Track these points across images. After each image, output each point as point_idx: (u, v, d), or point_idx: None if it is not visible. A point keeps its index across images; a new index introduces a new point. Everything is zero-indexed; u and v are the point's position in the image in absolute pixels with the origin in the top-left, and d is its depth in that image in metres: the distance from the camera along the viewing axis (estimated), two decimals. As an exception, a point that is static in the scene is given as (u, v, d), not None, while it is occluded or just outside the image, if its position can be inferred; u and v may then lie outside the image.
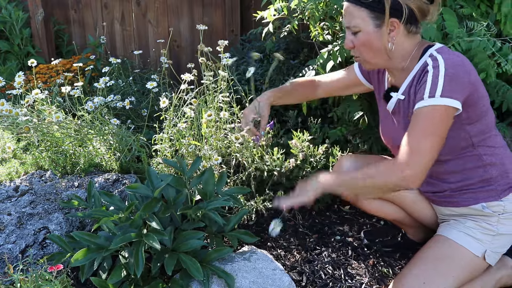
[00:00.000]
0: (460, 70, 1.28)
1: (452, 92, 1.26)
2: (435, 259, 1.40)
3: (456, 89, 1.26)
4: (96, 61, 3.26)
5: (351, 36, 1.39)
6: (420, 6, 1.32)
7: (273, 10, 2.01)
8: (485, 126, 1.39)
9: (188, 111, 1.87)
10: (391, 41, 1.35)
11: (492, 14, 1.86)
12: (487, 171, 1.41)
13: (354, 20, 1.35)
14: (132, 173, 2.02)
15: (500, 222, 1.41)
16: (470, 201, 1.43)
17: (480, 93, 1.34)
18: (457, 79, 1.27)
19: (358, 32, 1.36)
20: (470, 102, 1.31)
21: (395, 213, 1.64)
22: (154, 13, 3.47)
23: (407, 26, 1.35)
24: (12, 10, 3.45)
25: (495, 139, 1.43)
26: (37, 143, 1.97)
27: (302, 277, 1.60)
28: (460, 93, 1.27)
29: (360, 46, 1.38)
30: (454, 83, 1.26)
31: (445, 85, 1.26)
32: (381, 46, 1.36)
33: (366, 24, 1.34)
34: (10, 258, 1.48)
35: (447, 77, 1.26)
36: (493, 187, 1.41)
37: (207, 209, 1.50)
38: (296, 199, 1.40)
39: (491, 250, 1.42)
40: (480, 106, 1.35)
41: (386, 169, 1.29)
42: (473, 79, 1.31)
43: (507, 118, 2.19)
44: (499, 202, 1.40)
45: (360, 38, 1.36)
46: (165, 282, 1.42)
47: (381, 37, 1.34)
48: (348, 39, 1.40)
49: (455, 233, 1.44)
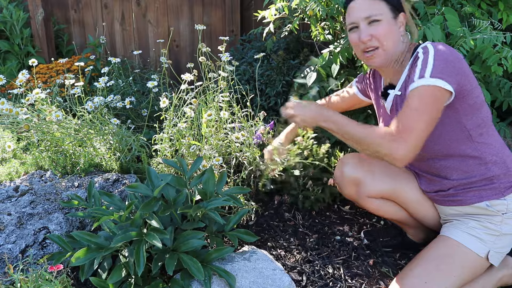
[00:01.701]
0: (450, 56, 1.32)
1: (443, 73, 1.28)
2: (437, 259, 1.40)
3: (447, 71, 1.29)
4: (96, 61, 3.26)
5: (367, 29, 1.42)
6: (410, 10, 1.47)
7: (274, 10, 2.01)
8: (481, 120, 1.40)
9: (188, 111, 1.87)
10: (402, 34, 1.44)
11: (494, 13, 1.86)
12: (489, 168, 1.41)
13: (374, 10, 1.41)
14: (132, 173, 2.01)
15: (504, 221, 1.41)
16: (474, 199, 1.43)
17: (472, 84, 1.36)
18: (447, 62, 1.30)
19: (378, 22, 1.41)
20: (463, 92, 1.33)
21: (396, 213, 1.64)
22: (154, 13, 3.47)
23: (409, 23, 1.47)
24: (13, 10, 3.45)
25: (493, 136, 1.44)
26: (37, 142, 1.97)
27: (302, 277, 1.60)
28: (450, 77, 1.29)
29: (380, 35, 1.42)
30: (444, 65, 1.29)
31: (435, 66, 1.29)
32: (397, 37, 1.43)
33: (386, 15, 1.41)
34: (10, 258, 1.48)
35: (437, 60, 1.30)
36: (496, 185, 1.41)
37: (207, 209, 1.50)
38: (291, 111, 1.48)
39: (494, 251, 1.42)
40: (473, 97, 1.36)
41: (378, 134, 1.31)
42: (464, 68, 1.33)
43: (507, 118, 2.19)
44: (503, 200, 1.41)
45: (381, 27, 1.41)
46: (165, 282, 1.41)
47: (397, 29, 1.43)
48: (365, 32, 1.43)
49: (459, 233, 1.44)
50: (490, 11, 1.89)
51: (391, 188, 1.58)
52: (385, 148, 1.28)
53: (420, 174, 1.56)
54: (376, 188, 1.58)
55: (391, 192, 1.59)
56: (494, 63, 1.70)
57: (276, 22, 2.11)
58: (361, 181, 1.58)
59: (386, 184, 1.58)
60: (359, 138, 1.34)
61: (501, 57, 1.68)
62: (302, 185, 1.94)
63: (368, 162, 1.60)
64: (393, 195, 1.60)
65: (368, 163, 1.59)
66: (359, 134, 1.34)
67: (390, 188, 1.58)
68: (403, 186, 1.58)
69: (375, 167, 1.59)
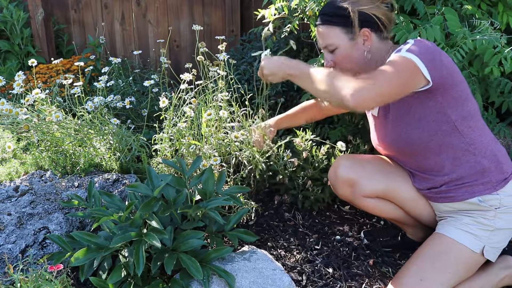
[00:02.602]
0: (431, 47, 1.34)
1: (420, 54, 1.30)
2: (432, 256, 1.41)
3: (425, 55, 1.30)
4: (96, 61, 3.26)
5: (329, 55, 1.50)
6: (385, 13, 1.45)
7: (274, 9, 2.01)
8: (467, 113, 1.40)
9: (188, 110, 1.87)
10: (366, 50, 1.46)
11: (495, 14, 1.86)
12: (478, 161, 1.41)
13: (329, 40, 1.47)
14: (132, 173, 2.02)
15: (497, 216, 1.42)
16: (466, 195, 1.44)
17: (455, 79, 1.36)
18: (427, 48, 1.32)
19: (336, 50, 1.47)
20: (445, 85, 1.34)
21: (393, 211, 1.64)
22: (154, 13, 3.47)
23: (378, 33, 1.46)
24: (13, 10, 3.45)
25: (483, 130, 1.44)
26: (37, 143, 1.97)
27: (302, 277, 1.60)
28: (428, 61, 1.30)
29: (341, 61, 1.48)
30: (424, 50, 1.31)
31: (414, 46, 1.32)
32: (359, 56, 1.46)
33: (341, 40, 1.45)
34: (10, 258, 1.48)
35: (417, 45, 1.32)
36: (487, 179, 1.42)
37: (207, 208, 1.50)
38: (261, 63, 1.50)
39: (489, 246, 1.42)
40: (457, 91, 1.37)
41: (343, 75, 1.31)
42: (445, 61, 1.34)
43: (507, 118, 2.19)
44: (495, 195, 1.41)
45: (339, 53, 1.47)
46: (165, 282, 1.41)
47: (358, 48, 1.46)
48: (327, 59, 1.50)
49: (453, 230, 1.45)
50: (490, 11, 1.89)
51: (385, 187, 1.58)
52: (349, 87, 1.26)
53: (413, 172, 1.57)
54: (370, 188, 1.58)
55: (386, 191, 1.59)
56: (495, 64, 1.70)
57: (276, 22, 2.11)
58: (355, 181, 1.58)
59: (380, 183, 1.58)
60: (322, 78, 1.34)
61: (501, 57, 1.68)
62: (302, 185, 1.94)
63: (362, 162, 1.60)
64: (388, 194, 1.60)
65: (362, 163, 1.60)
66: (323, 74, 1.34)
67: (384, 187, 1.58)
68: (397, 184, 1.58)
69: (369, 166, 1.59)
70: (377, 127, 1.60)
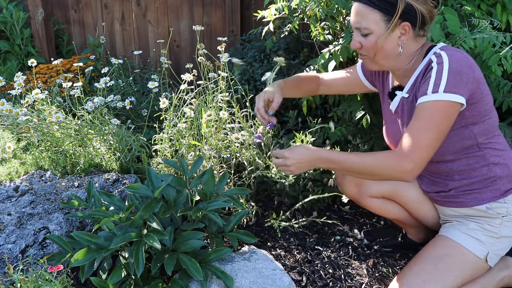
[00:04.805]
0: (464, 66, 1.28)
1: (456, 87, 1.26)
2: (436, 259, 1.40)
3: (460, 84, 1.26)
4: (96, 61, 3.26)
5: (360, 37, 1.37)
6: (430, 10, 1.33)
7: (274, 9, 2.01)
8: (489, 125, 1.38)
9: (188, 111, 1.87)
10: (401, 45, 1.35)
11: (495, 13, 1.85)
12: (491, 169, 1.40)
13: (366, 22, 1.33)
14: (132, 173, 2.02)
15: (503, 224, 1.41)
16: (474, 202, 1.43)
17: (483, 91, 1.34)
18: (461, 74, 1.27)
19: (369, 34, 1.34)
20: (474, 100, 1.31)
21: (397, 212, 1.64)
22: (154, 13, 3.47)
23: (416, 30, 1.34)
24: (13, 11, 3.45)
25: (499, 140, 1.43)
26: (37, 143, 1.97)
27: (302, 277, 1.60)
28: (464, 89, 1.27)
29: (370, 48, 1.36)
30: (458, 78, 1.26)
31: (449, 80, 1.26)
32: (391, 49, 1.36)
33: (379, 27, 1.32)
34: (10, 258, 1.48)
35: (451, 73, 1.26)
36: (497, 186, 1.40)
37: (207, 210, 1.50)
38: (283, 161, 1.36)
39: (493, 253, 1.42)
40: (483, 104, 1.35)
41: (385, 160, 1.29)
42: (477, 76, 1.30)
43: (507, 118, 2.18)
44: (503, 204, 1.40)
45: (370, 40, 1.35)
46: (164, 282, 1.41)
47: (392, 41, 1.34)
48: (356, 40, 1.38)
49: (458, 234, 1.44)
50: (490, 12, 1.89)
51: (392, 188, 1.58)
52: (397, 171, 1.26)
53: (422, 174, 1.55)
54: (377, 188, 1.58)
55: (392, 192, 1.59)
56: (494, 63, 1.69)
57: (276, 22, 2.11)
58: (362, 181, 1.58)
59: (387, 184, 1.58)
60: (365, 169, 1.31)
61: (501, 57, 1.68)
62: (302, 186, 1.94)
63: None
64: (394, 195, 1.60)
65: None
66: (364, 165, 1.31)
67: (391, 187, 1.58)
68: (404, 185, 1.58)
69: None
70: (392, 124, 1.56)
